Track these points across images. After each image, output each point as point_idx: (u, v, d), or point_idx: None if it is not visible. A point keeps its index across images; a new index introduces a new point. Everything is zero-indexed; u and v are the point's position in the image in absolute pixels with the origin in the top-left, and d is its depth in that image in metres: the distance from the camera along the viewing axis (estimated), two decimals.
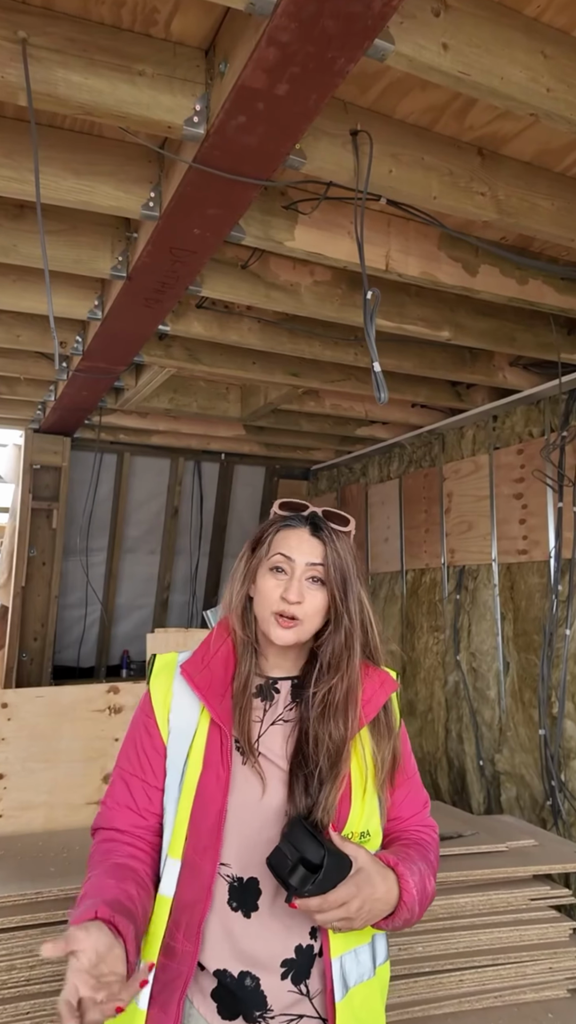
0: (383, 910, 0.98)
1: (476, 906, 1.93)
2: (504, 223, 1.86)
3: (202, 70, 1.47)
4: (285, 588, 1.05)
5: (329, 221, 2.00)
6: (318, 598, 1.06)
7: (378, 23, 1.16)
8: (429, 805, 1.18)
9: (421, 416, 3.78)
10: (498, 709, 3.32)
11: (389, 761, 1.08)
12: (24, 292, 2.34)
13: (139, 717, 1.13)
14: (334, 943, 1.02)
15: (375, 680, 1.10)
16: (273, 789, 1.03)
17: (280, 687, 1.10)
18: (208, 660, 1.09)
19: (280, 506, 1.14)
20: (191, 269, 2.04)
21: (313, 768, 1.01)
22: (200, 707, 1.07)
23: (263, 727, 1.07)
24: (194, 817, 1.02)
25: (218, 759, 1.03)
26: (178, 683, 1.10)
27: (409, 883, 1.00)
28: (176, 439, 4.40)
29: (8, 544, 4.16)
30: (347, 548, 1.09)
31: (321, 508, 1.13)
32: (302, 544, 1.07)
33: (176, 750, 1.07)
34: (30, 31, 1.34)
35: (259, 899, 1.02)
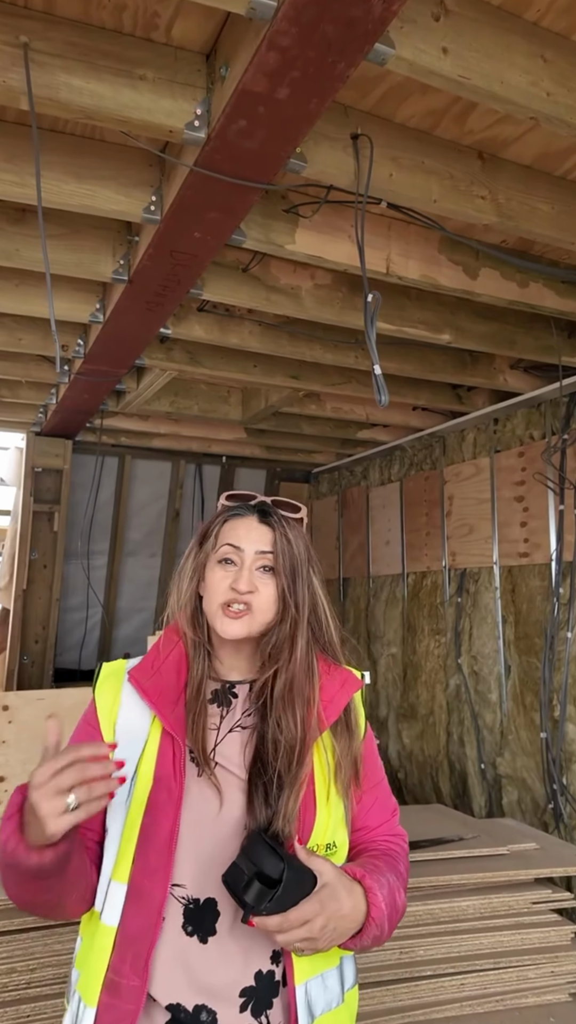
0: (350, 928, 0.90)
1: (478, 909, 1.92)
2: (505, 226, 1.87)
3: (203, 74, 1.48)
4: (234, 579, 0.99)
5: (330, 224, 2.00)
6: (270, 587, 1.00)
7: (378, 28, 1.17)
8: (398, 813, 1.11)
9: (422, 419, 3.78)
10: (499, 712, 3.32)
11: (351, 764, 1.01)
12: (26, 296, 2.35)
13: (81, 727, 1.04)
14: (298, 968, 0.93)
15: (336, 679, 1.04)
16: (232, 801, 0.96)
17: (238, 691, 1.03)
18: (159, 665, 1.02)
19: (227, 497, 1.10)
20: (192, 272, 2.04)
21: (272, 774, 0.95)
22: (151, 716, 0.99)
23: (220, 735, 1.00)
24: (142, 836, 0.93)
25: (170, 772, 0.95)
26: (127, 691, 1.02)
27: (377, 897, 0.93)
28: (177, 442, 4.40)
29: (9, 547, 4.16)
30: (298, 535, 1.04)
31: (271, 497, 1.08)
32: (251, 532, 1.02)
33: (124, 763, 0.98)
34: (31, 36, 1.35)
35: (217, 922, 0.93)
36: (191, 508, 5.02)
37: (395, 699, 4.11)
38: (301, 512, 1.08)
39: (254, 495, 1.08)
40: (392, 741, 4.06)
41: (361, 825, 1.05)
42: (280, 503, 1.07)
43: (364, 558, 4.53)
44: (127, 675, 1.02)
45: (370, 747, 1.08)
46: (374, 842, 1.06)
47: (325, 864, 0.90)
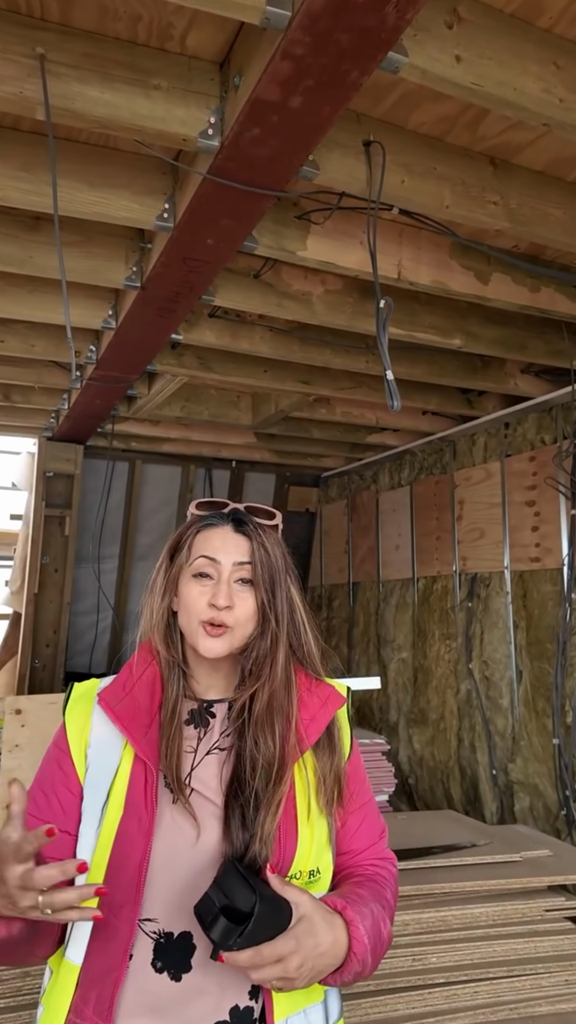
0: (330, 964, 0.83)
1: (490, 916, 1.91)
2: (516, 232, 1.87)
3: (216, 83, 1.49)
4: (212, 594, 0.94)
5: (341, 231, 2.01)
6: (249, 601, 0.95)
7: (392, 36, 1.17)
8: (386, 835, 1.04)
9: (432, 423, 3.78)
10: (511, 718, 3.30)
11: (334, 780, 0.95)
12: (39, 302, 2.37)
13: (52, 753, 0.98)
14: (278, 1004, 0.86)
15: (318, 696, 0.98)
16: (209, 828, 0.89)
17: (215, 711, 0.97)
18: (131, 686, 0.96)
19: (197, 506, 1.03)
20: (204, 279, 2.06)
21: (249, 794, 0.89)
22: (123, 741, 0.93)
23: (197, 758, 0.94)
24: (111, 870, 0.87)
25: (141, 800, 0.89)
26: (98, 714, 0.96)
27: (359, 930, 0.86)
28: (187, 447, 4.42)
29: (21, 551, 4.19)
30: (275, 543, 0.99)
31: (244, 504, 1.02)
32: (226, 543, 0.96)
33: (94, 791, 0.92)
34: (48, 47, 1.36)
35: (193, 957, 0.86)
36: None
37: (405, 704, 4.10)
38: (276, 519, 1.03)
39: (227, 502, 1.02)
40: (403, 746, 4.04)
41: (347, 849, 0.99)
42: (254, 510, 1.02)
43: (374, 562, 4.52)
44: (97, 698, 0.96)
45: (357, 767, 1.02)
46: (360, 866, 1.00)
47: (302, 895, 0.84)
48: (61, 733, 0.98)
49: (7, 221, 2.02)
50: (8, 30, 1.34)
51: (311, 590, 5.34)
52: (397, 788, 3.27)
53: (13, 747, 2.24)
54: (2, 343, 2.68)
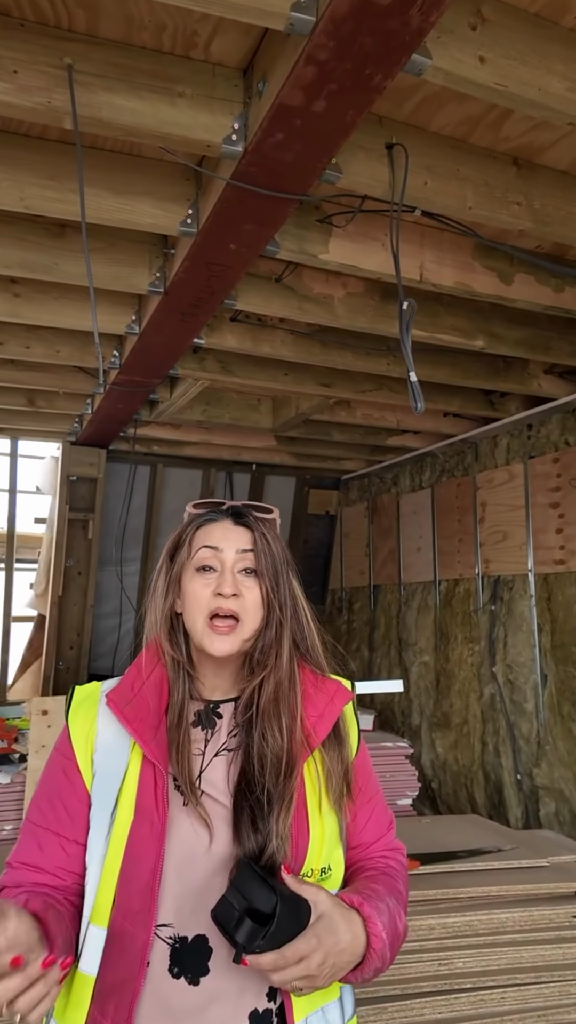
0: (349, 962, 0.83)
1: (517, 922, 1.89)
2: (540, 232, 1.86)
3: (240, 89, 1.50)
4: (218, 584, 0.92)
5: (363, 233, 2.02)
6: (254, 591, 0.94)
7: (416, 39, 1.18)
8: (394, 826, 1.04)
9: (453, 425, 3.76)
10: (536, 722, 3.27)
11: (342, 774, 0.94)
12: (64, 309, 2.40)
13: (55, 759, 0.95)
14: (297, 1005, 0.86)
15: (325, 692, 0.97)
16: (220, 831, 0.88)
17: (222, 711, 0.96)
18: (138, 688, 0.94)
19: (195, 505, 1.03)
20: (227, 283, 2.07)
21: (260, 793, 0.88)
22: (130, 744, 0.91)
23: (205, 760, 0.93)
24: (123, 876, 0.85)
25: (152, 803, 0.88)
26: (103, 717, 0.94)
27: (377, 926, 0.85)
28: (208, 450, 4.44)
29: (46, 554, 4.24)
30: (274, 537, 0.98)
31: (240, 502, 1.02)
32: (228, 533, 0.96)
33: (102, 797, 0.90)
34: (75, 57, 1.39)
35: (210, 960, 0.85)
36: None
37: (428, 708, 4.07)
38: (273, 513, 1.02)
39: (223, 501, 1.01)
40: (425, 750, 4.02)
41: (357, 842, 0.99)
42: (251, 505, 1.01)
43: (395, 565, 4.50)
44: (104, 699, 0.94)
45: (364, 761, 1.01)
46: (371, 859, 1.00)
47: (320, 893, 0.83)
48: (65, 739, 0.95)
49: (34, 229, 2.06)
50: (37, 41, 1.37)
51: (331, 593, 5.33)
52: (420, 792, 3.25)
53: (40, 747, 2.26)
54: (28, 349, 2.72)
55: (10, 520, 4.47)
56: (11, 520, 4.48)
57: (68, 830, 0.91)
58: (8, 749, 2.60)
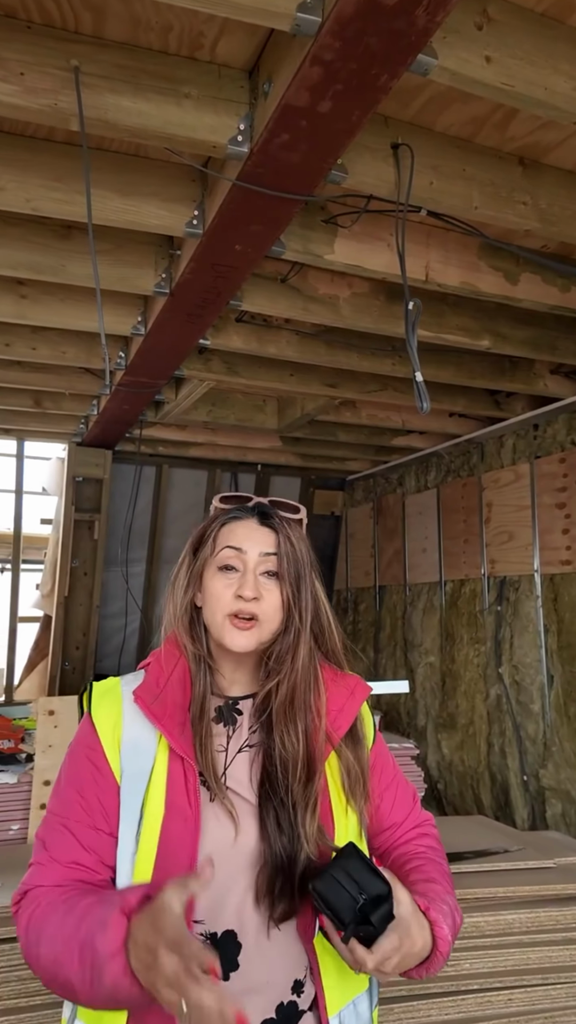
0: (413, 964, 0.85)
1: (524, 923, 1.88)
2: (546, 232, 1.86)
3: (246, 90, 1.50)
4: (239, 585, 0.92)
5: (368, 233, 2.02)
6: (275, 594, 0.93)
7: (422, 39, 1.18)
8: (418, 797, 1.06)
9: (459, 425, 3.76)
10: (542, 723, 3.26)
11: (359, 772, 0.95)
12: (70, 310, 2.41)
13: (80, 752, 0.93)
14: (330, 997, 0.87)
15: (344, 687, 0.97)
16: (246, 827, 0.89)
17: (242, 707, 0.96)
18: (163, 684, 0.94)
19: (221, 499, 1.02)
20: (232, 284, 2.07)
21: (284, 795, 0.88)
22: (156, 740, 0.91)
23: (229, 757, 0.92)
24: (158, 872, 0.84)
25: (183, 799, 0.87)
26: (129, 712, 0.93)
27: (444, 930, 0.86)
28: (213, 451, 4.45)
29: (52, 555, 4.25)
30: (299, 538, 0.97)
31: (268, 498, 1.01)
32: (252, 535, 0.95)
33: (131, 794, 0.89)
34: (82, 59, 1.39)
35: (239, 955, 0.86)
36: None
37: (434, 708, 4.07)
38: (301, 513, 1.01)
39: (250, 496, 1.01)
40: (431, 751, 4.01)
41: (389, 823, 1.01)
42: (279, 504, 1.00)
43: (400, 566, 4.50)
44: (133, 696, 0.93)
45: (381, 748, 1.03)
46: (408, 841, 1.01)
47: (405, 894, 0.83)
48: (90, 732, 0.93)
49: (40, 230, 2.06)
50: (43, 43, 1.37)
51: (337, 594, 5.33)
52: (426, 793, 3.25)
53: (47, 747, 2.27)
54: (34, 350, 2.73)
55: (16, 521, 4.49)
56: (17, 521, 4.49)
57: (103, 823, 0.89)
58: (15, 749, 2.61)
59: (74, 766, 0.93)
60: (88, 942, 0.76)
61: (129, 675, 0.99)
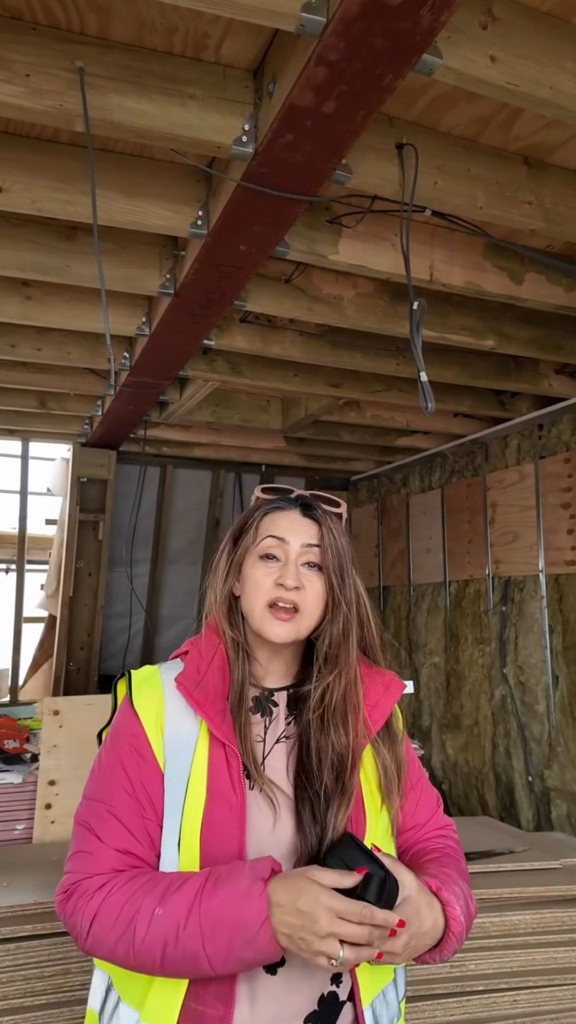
0: (427, 945, 0.85)
1: (529, 924, 1.88)
2: (551, 231, 1.85)
3: (251, 91, 1.51)
4: (280, 574, 0.92)
5: (373, 233, 2.02)
6: (317, 585, 0.94)
7: (426, 39, 1.18)
8: (441, 801, 1.07)
9: (463, 425, 3.75)
10: (547, 724, 3.25)
11: (395, 770, 0.96)
12: (75, 311, 2.41)
13: (123, 739, 0.92)
14: (363, 988, 0.89)
15: (379, 682, 0.98)
16: (284, 816, 0.90)
17: (277, 699, 0.97)
18: (204, 671, 0.94)
19: (263, 490, 1.02)
20: (237, 285, 2.08)
21: (319, 787, 0.89)
22: (197, 727, 0.92)
23: (266, 747, 0.93)
24: (207, 855, 0.86)
25: (228, 786, 0.88)
26: (171, 698, 0.93)
27: (456, 910, 0.87)
28: (217, 451, 4.45)
29: (56, 555, 4.26)
30: (341, 531, 0.98)
31: (309, 491, 1.02)
32: (294, 524, 0.95)
33: (174, 780, 0.89)
34: (87, 60, 1.40)
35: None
36: (231, 517, 5.07)
37: (438, 709, 4.06)
38: (342, 507, 1.02)
39: (292, 489, 1.01)
40: (436, 752, 4.01)
41: (412, 824, 1.01)
42: (320, 497, 1.01)
43: (405, 566, 4.50)
44: (175, 682, 0.93)
45: (407, 744, 1.04)
46: (429, 840, 1.02)
47: (409, 875, 0.85)
48: (132, 719, 0.92)
49: (45, 231, 2.07)
50: (49, 45, 1.38)
51: None
52: None
53: (51, 747, 2.27)
54: (39, 351, 2.74)
55: (21, 521, 4.50)
56: (22, 521, 4.50)
57: (149, 810, 0.89)
58: (20, 749, 2.61)
59: (116, 753, 0.93)
60: (229, 915, 0.79)
61: (166, 663, 0.99)
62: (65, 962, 1.63)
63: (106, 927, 0.83)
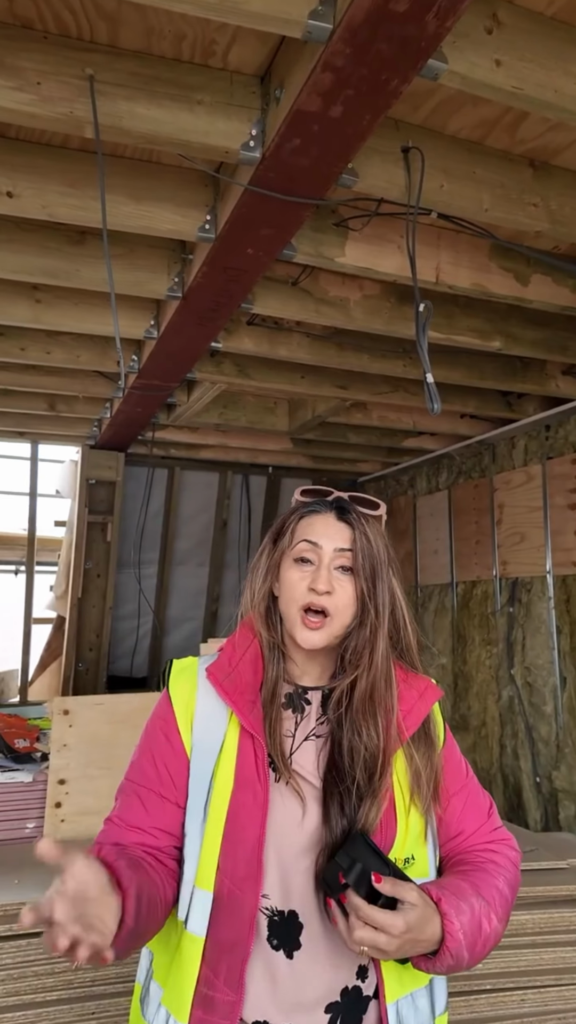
0: (421, 950, 0.85)
1: (537, 924, 1.88)
2: (557, 233, 1.86)
3: (258, 96, 1.52)
4: (312, 579, 0.95)
5: (379, 236, 2.03)
6: (348, 589, 0.95)
7: (432, 44, 1.19)
8: (495, 809, 1.04)
9: (470, 426, 3.75)
10: (555, 725, 3.25)
11: (431, 777, 0.95)
12: (84, 315, 2.44)
13: (155, 724, 0.99)
14: (389, 986, 0.89)
15: (415, 689, 0.98)
16: (311, 810, 0.91)
17: (311, 698, 0.99)
18: (235, 662, 0.98)
19: (302, 492, 1.04)
20: (244, 288, 2.09)
21: (350, 783, 0.90)
22: (228, 717, 0.95)
23: (295, 742, 0.95)
24: (227, 842, 0.88)
25: (253, 775, 0.91)
26: (203, 689, 0.97)
27: (454, 925, 0.84)
28: (225, 453, 4.47)
29: (65, 557, 4.29)
30: (377, 534, 0.99)
31: (348, 493, 1.02)
32: (328, 529, 0.97)
33: (200, 765, 0.94)
34: (97, 68, 1.42)
35: (301, 935, 0.89)
36: (238, 518, 5.09)
37: (445, 710, 4.06)
38: (380, 509, 1.02)
39: (331, 491, 1.02)
40: None
41: (457, 831, 0.98)
42: (359, 499, 1.02)
43: (412, 567, 4.50)
44: (205, 672, 0.97)
45: (452, 750, 1.02)
46: (472, 851, 0.98)
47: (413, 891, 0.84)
48: (166, 706, 0.98)
49: (55, 236, 2.09)
50: (60, 53, 1.40)
51: None
52: None
53: (61, 747, 2.29)
54: (49, 354, 2.77)
55: (31, 523, 4.53)
56: (32, 523, 4.54)
57: (170, 792, 0.94)
58: (30, 748, 2.64)
59: (149, 736, 0.99)
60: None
61: (206, 656, 1.03)
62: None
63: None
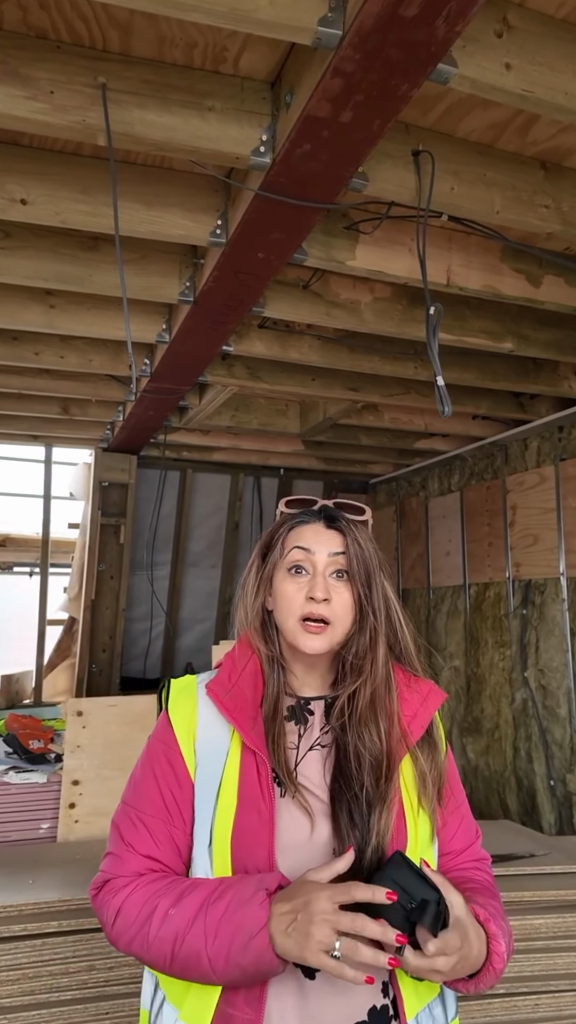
0: (466, 971, 0.84)
1: (551, 928, 1.88)
2: (569, 234, 1.85)
3: (268, 102, 1.53)
4: (309, 587, 0.94)
5: (390, 239, 2.03)
6: (345, 595, 0.95)
7: (441, 49, 1.19)
8: (481, 836, 1.05)
9: (483, 428, 3.74)
10: (569, 728, 3.23)
11: (437, 778, 0.95)
12: (97, 319, 2.46)
13: (156, 748, 0.96)
14: (408, 1000, 0.87)
15: (418, 693, 0.98)
16: (320, 823, 0.90)
17: (313, 708, 0.98)
18: (235, 679, 0.96)
19: (287, 504, 1.03)
20: (255, 291, 2.10)
21: (358, 790, 0.89)
22: (229, 735, 0.93)
23: (300, 754, 0.94)
24: (237, 862, 0.87)
25: (257, 793, 0.89)
26: (203, 707, 0.96)
27: (501, 946, 0.86)
28: (237, 455, 4.48)
29: (79, 559, 4.32)
30: (367, 538, 0.99)
31: (333, 500, 1.02)
32: (319, 536, 0.97)
33: (205, 788, 0.92)
34: (109, 76, 1.43)
35: None
36: (250, 520, 5.10)
37: (459, 713, 4.05)
38: (366, 514, 1.02)
39: (315, 499, 1.02)
40: (457, 756, 3.99)
41: (448, 849, 0.99)
42: (344, 506, 1.02)
43: (424, 569, 4.49)
44: (205, 690, 0.96)
45: (451, 765, 1.02)
46: (463, 869, 0.99)
47: (458, 896, 0.84)
48: (166, 729, 0.96)
49: (68, 242, 2.11)
50: (72, 62, 1.42)
51: None
52: None
53: (75, 748, 2.31)
54: (62, 359, 2.79)
55: (45, 526, 4.57)
56: (46, 525, 4.57)
57: (177, 819, 0.92)
58: (44, 749, 2.66)
59: (150, 761, 0.96)
60: (230, 918, 0.81)
61: (205, 673, 1.02)
62: (90, 958, 1.66)
63: (127, 922, 0.87)
